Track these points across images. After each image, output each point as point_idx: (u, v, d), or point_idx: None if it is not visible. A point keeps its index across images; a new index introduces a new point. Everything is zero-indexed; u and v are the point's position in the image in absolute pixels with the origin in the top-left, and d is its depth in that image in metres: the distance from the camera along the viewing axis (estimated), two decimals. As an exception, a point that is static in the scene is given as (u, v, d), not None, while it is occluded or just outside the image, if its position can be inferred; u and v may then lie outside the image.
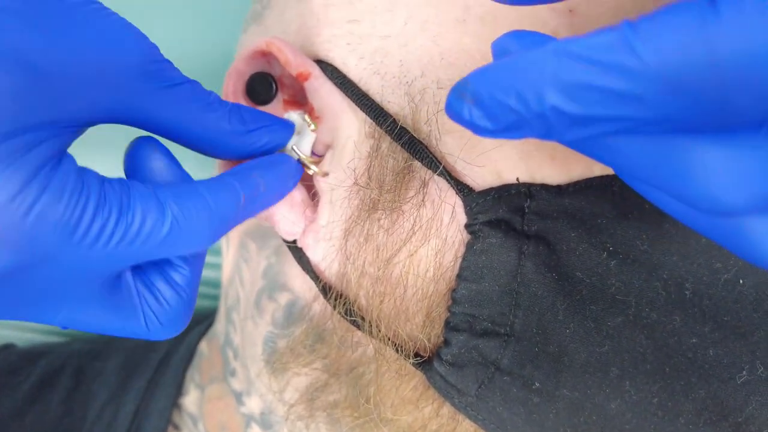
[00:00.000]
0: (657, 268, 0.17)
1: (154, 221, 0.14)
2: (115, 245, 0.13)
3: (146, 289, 0.15)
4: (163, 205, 0.14)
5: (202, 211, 0.15)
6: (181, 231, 0.14)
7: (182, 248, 0.15)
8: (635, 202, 0.17)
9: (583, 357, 0.17)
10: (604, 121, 0.10)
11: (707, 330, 0.17)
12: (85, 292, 0.14)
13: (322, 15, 0.20)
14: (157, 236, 0.14)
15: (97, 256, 0.13)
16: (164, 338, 0.16)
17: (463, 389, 0.17)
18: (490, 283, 0.17)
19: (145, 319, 0.15)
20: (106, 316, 0.15)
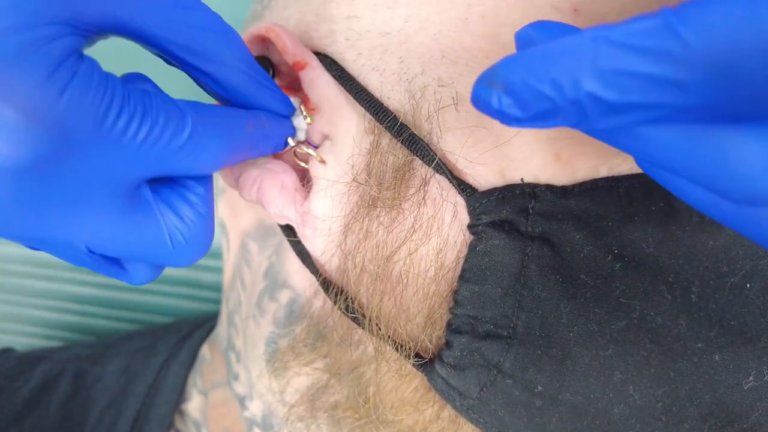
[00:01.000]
0: (663, 272, 0.17)
1: (176, 125, 0.14)
2: (140, 143, 0.13)
3: (166, 207, 0.15)
4: (184, 112, 0.14)
5: (217, 124, 0.15)
6: (200, 140, 0.14)
7: (199, 160, 0.15)
8: (641, 204, 0.17)
9: (586, 361, 0.16)
10: (642, 109, 0.10)
11: (713, 335, 0.17)
12: (111, 199, 0.14)
13: (321, 11, 0.20)
14: (178, 141, 0.14)
15: (123, 155, 0.13)
16: (188, 261, 0.16)
17: (464, 392, 0.17)
18: (493, 285, 0.17)
19: (170, 235, 0.15)
20: (130, 233, 0.14)
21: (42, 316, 0.42)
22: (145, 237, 0.15)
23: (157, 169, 0.14)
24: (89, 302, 0.42)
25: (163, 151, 0.14)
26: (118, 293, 0.41)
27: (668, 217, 0.17)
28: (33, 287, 0.42)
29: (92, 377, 0.31)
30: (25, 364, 0.31)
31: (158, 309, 0.42)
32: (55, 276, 0.41)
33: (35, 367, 0.31)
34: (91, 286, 0.42)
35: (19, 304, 0.42)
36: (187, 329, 0.33)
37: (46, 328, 0.43)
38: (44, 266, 0.41)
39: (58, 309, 0.42)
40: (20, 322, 0.43)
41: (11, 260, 0.42)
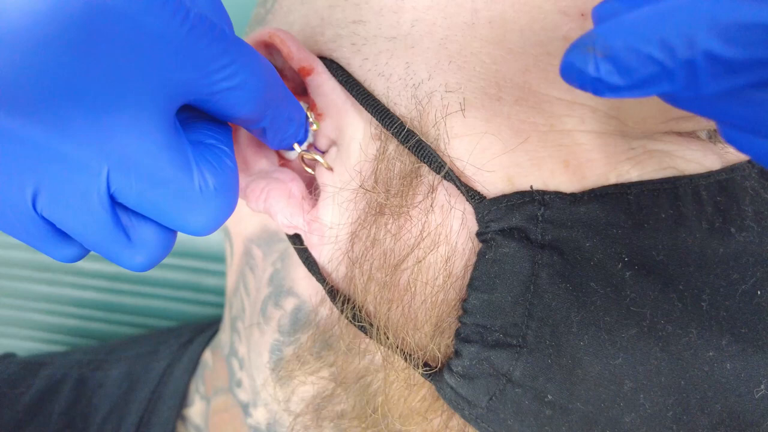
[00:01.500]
0: (673, 279, 0.16)
1: (218, 32, 0.13)
2: (188, 31, 0.12)
3: (197, 151, 0.14)
4: (222, 28, 0.13)
5: (254, 52, 0.14)
6: (241, 55, 0.14)
7: (244, 75, 0.14)
8: (651, 211, 0.17)
9: (597, 369, 0.16)
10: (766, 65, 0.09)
11: (724, 343, 0.17)
12: (150, 112, 0.12)
13: (326, 15, 0.20)
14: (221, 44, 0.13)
15: (173, 41, 0.12)
16: (205, 220, 0.14)
17: (473, 401, 0.17)
18: (502, 293, 0.16)
19: (198, 177, 0.13)
20: (161, 159, 0.13)
21: (44, 320, 0.42)
22: (174, 168, 0.13)
23: (198, 79, 0.13)
24: (91, 306, 0.42)
25: (206, 52, 0.13)
26: (121, 297, 0.41)
27: (678, 224, 0.17)
28: (35, 291, 0.42)
29: (94, 383, 0.30)
30: (27, 370, 0.31)
31: (161, 313, 0.42)
32: (56, 280, 0.41)
33: (37, 373, 0.31)
34: (93, 290, 0.41)
35: (20, 308, 0.42)
36: (190, 334, 0.33)
37: (48, 332, 0.42)
38: (46, 270, 0.41)
39: (59, 313, 0.42)
40: (22, 327, 0.42)
41: (13, 264, 0.41)
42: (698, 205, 0.17)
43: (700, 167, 0.18)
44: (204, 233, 0.14)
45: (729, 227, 0.17)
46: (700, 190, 0.18)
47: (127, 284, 0.41)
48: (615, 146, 0.17)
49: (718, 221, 0.17)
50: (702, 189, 0.18)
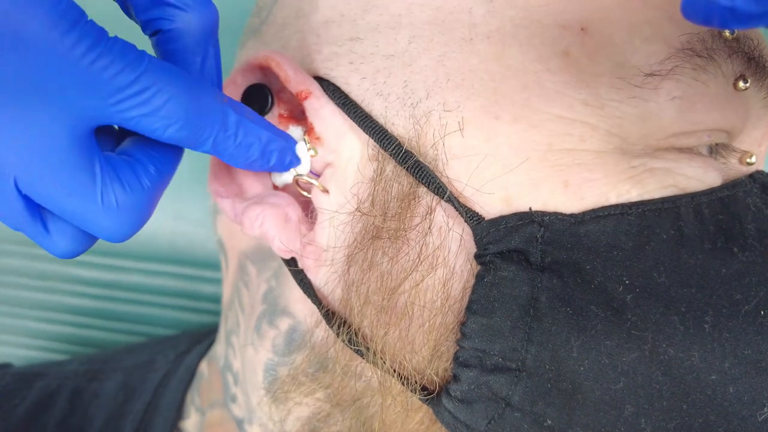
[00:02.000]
0: (675, 302, 0.16)
1: (130, 59, 0.13)
2: (89, 64, 0.13)
3: (111, 168, 0.14)
4: (141, 53, 0.14)
5: (179, 76, 0.14)
6: (155, 81, 0.14)
7: (158, 101, 0.14)
8: (652, 232, 0.16)
9: (597, 395, 0.16)
10: None
11: (727, 366, 0.16)
12: (55, 124, 0.13)
13: (323, 32, 0.19)
14: (129, 76, 0.13)
15: (70, 68, 0.13)
16: (110, 231, 0.15)
17: (472, 425, 0.17)
18: (501, 317, 0.16)
19: (102, 193, 0.14)
20: (65, 175, 0.14)
21: (41, 328, 0.42)
22: (76, 184, 0.14)
23: (107, 107, 0.14)
24: (88, 314, 0.42)
25: (112, 84, 0.13)
26: (118, 305, 0.41)
27: (680, 245, 0.16)
28: (32, 299, 0.41)
29: (89, 394, 0.30)
30: (22, 381, 0.31)
31: (158, 321, 0.41)
32: (53, 288, 0.41)
33: (32, 384, 0.30)
34: (90, 298, 0.41)
35: (17, 317, 0.42)
36: (187, 344, 0.33)
37: (45, 341, 0.42)
38: (43, 278, 0.41)
39: (56, 321, 0.42)
40: (19, 335, 0.42)
41: (9, 272, 0.41)
42: (700, 224, 0.17)
43: (701, 184, 0.18)
44: (113, 241, 0.15)
45: (731, 247, 0.17)
46: (702, 208, 0.17)
47: (124, 292, 0.41)
48: (615, 165, 0.17)
49: (720, 241, 0.17)
50: (704, 207, 0.17)
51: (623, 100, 0.17)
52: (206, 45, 0.16)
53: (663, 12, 0.17)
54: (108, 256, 0.41)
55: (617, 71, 0.17)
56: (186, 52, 0.16)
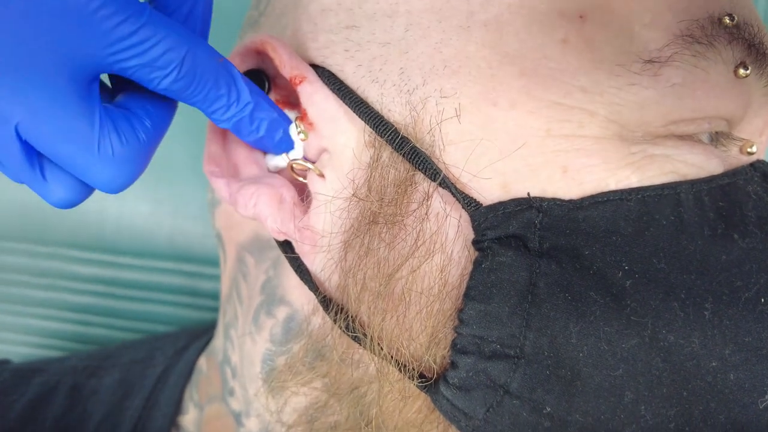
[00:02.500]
0: (674, 288, 0.16)
1: (131, 10, 0.14)
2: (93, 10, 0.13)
3: (109, 119, 0.15)
4: (142, 5, 0.14)
5: (177, 29, 0.15)
6: (155, 32, 0.14)
7: (156, 52, 0.14)
8: (652, 218, 0.16)
9: (596, 381, 0.16)
10: None
11: (728, 353, 0.16)
12: (56, 74, 0.14)
13: (320, 20, 0.19)
14: (133, 24, 0.14)
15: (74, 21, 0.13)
16: (106, 180, 0.15)
17: (470, 413, 0.17)
18: (499, 303, 0.16)
19: (100, 141, 0.15)
20: (66, 119, 0.14)
21: (41, 325, 0.42)
22: (75, 132, 0.14)
23: (107, 55, 0.14)
24: (88, 311, 0.42)
25: (115, 34, 0.14)
26: (117, 302, 0.41)
27: (680, 231, 0.16)
28: (32, 296, 0.41)
29: (88, 390, 0.30)
30: (20, 377, 0.31)
31: (157, 317, 0.41)
32: (54, 285, 0.41)
33: (30, 381, 0.30)
34: (90, 295, 0.41)
35: (18, 314, 0.42)
36: (185, 340, 0.33)
37: (45, 337, 0.42)
38: (43, 275, 0.41)
39: (56, 318, 0.42)
40: (19, 332, 0.42)
41: (9, 270, 0.41)
42: (700, 210, 0.17)
43: (702, 171, 0.18)
44: (108, 191, 0.16)
45: (732, 233, 0.17)
46: (702, 195, 0.17)
47: (124, 289, 0.41)
48: (615, 151, 0.17)
49: (720, 227, 0.17)
50: (704, 194, 0.17)
51: (622, 87, 0.17)
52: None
53: (666, 1, 0.17)
54: (107, 253, 0.41)
55: (616, 58, 0.17)
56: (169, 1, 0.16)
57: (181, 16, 0.16)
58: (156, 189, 0.41)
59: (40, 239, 0.41)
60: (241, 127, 0.17)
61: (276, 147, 0.19)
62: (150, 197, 0.41)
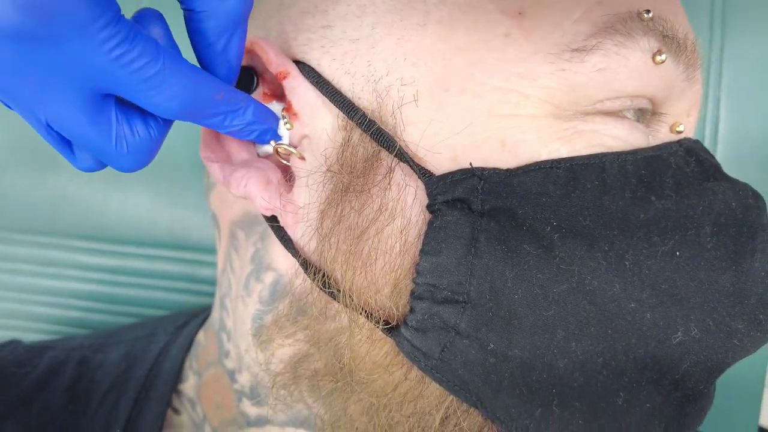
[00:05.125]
0: (598, 241, 0.19)
1: (150, 57, 0.16)
2: (116, 57, 0.15)
3: (124, 118, 0.17)
4: (159, 54, 0.16)
5: (186, 77, 0.17)
6: (164, 79, 0.16)
7: (159, 98, 0.17)
8: (578, 182, 0.19)
9: (531, 320, 0.18)
10: None
11: (645, 296, 0.19)
12: (76, 94, 0.16)
13: (299, 21, 0.22)
14: (148, 71, 0.16)
15: (96, 63, 0.15)
16: (122, 166, 0.18)
17: (428, 352, 0.19)
18: (448, 256, 0.19)
19: (116, 139, 0.17)
20: (85, 125, 0.17)
21: (47, 312, 0.44)
22: (95, 131, 0.17)
23: (122, 89, 0.16)
24: (92, 298, 0.44)
25: (130, 76, 0.16)
26: (121, 289, 0.44)
27: (602, 193, 0.19)
28: (39, 285, 0.44)
29: (95, 363, 0.32)
30: (33, 352, 0.33)
31: (158, 303, 0.44)
32: (60, 274, 0.44)
33: (42, 355, 0.33)
34: (95, 283, 0.44)
35: (25, 302, 0.44)
36: (185, 318, 0.35)
37: (51, 324, 0.45)
38: (49, 264, 0.44)
39: (62, 305, 0.44)
40: (26, 319, 0.45)
41: (18, 260, 0.44)
42: (623, 177, 0.20)
43: (626, 144, 0.20)
44: (123, 171, 0.18)
45: (650, 196, 0.20)
46: (626, 165, 0.20)
47: (126, 276, 0.43)
48: (548, 127, 0.19)
49: (640, 191, 0.20)
50: (629, 164, 0.20)
51: (554, 72, 0.19)
52: (233, 30, 0.18)
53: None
54: (110, 243, 0.43)
55: (550, 48, 0.20)
56: (211, 34, 0.18)
57: (218, 50, 0.18)
58: (156, 183, 0.43)
59: (46, 230, 0.43)
60: (235, 136, 0.20)
61: (263, 142, 0.21)
62: (151, 190, 0.43)
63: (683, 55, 0.21)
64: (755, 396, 0.47)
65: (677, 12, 0.22)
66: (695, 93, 0.23)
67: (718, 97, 0.46)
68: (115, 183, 0.43)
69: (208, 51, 0.18)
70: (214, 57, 0.18)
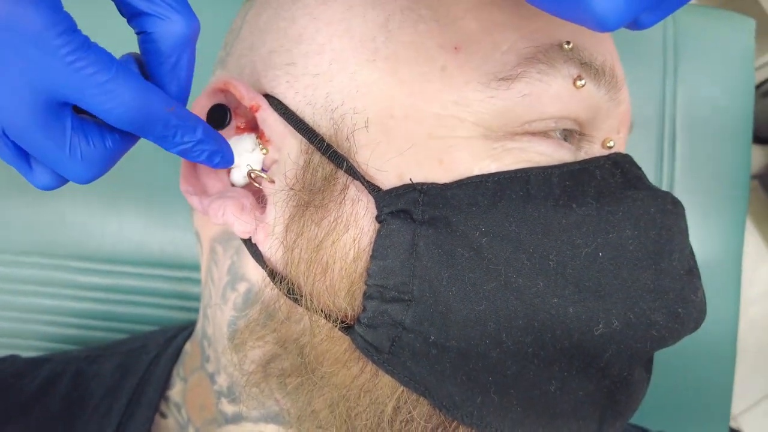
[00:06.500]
0: (523, 244, 0.21)
1: (102, 65, 0.17)
2: (70, 62, 0.17)
3: (81, 129, 0.18)
4: (112, 64, 0.17)
5: (136, 91, 0.18)
6: (115, 89, 0.17)
7: (110, 106, 0.18)
8: (504, 192, 0.22)
9: (464, 314, 0.21)
10: None
11: (568, 292, 0.21)
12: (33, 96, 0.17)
13: (268, 60, 0.25)
14: (97, 79, 0.17)
15: (53, 64, 0.16)
16: (77, 176, 0.18)
17: (379, 347, 0.22)
18: (393, 259, 0.21)
19: (70, 147, 0.18)
20: (40, 129, 0.17)
21: (45, 330, 0.46)
22: (50, 140, 0.18)
23: (76, 95, 0.17)
24: (88, 316, 0.46)
25: (83, 81, 0.17)
26: (115, 306, 0.46)
27: (526, 202, 0.22)
28: (37, 304, 0.46)
29: (90, 374, 0.35)
30: (31, 365, 0.36)
31: (151, 320, 0.46)
32: (57, 293, 0.46)
33: (40, 367, 0.35)
34: (90, 301, 0.46)
35: (24, 321, 0.46)
36: (175, 331, 0.38)
37: (50, 342, 0.47)
38: (48, 284, 0.46)
39: (60, 324, 0.46)
40: (26, 338, 0.47)
41: (17, 281, 0.46)
42: (547, 187, 0.22)
43: (552, 159, 0.23)
44: (80, 182, 0.19)
45: (571, 204, 0.22)
46: (551, 177, 0.22)
47: (120, 294, 0.46)
48: (479, 147, 0.22)
49: (563, 199, 0.22)
50: (554, 177, 0.23)
51: (484, 99, 0.22)
52: (181, 51, 0.19)
53: (518, 33, 0.23)
54: (106, 263, 0.46)
55: (480, 78, 0.23)
56: (161, 54, 0.19)
57: (167, 68, 0.19)
58: (149, 206, 0.46)
59: (47, 252, 0.46)
60: (185, 155, 0.21)
61: (216, 166, 0.23)
62: (144, 214, 0.46)
63: (603, 79, 0.24)
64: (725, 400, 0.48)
65: (600, 42, 0.25)
66: (622, 112, 0.26)
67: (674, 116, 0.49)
68: (111, 207, 0.46)
69: (159, 70, 0.19)
70: (165, 75, 0.19)
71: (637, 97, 0.49)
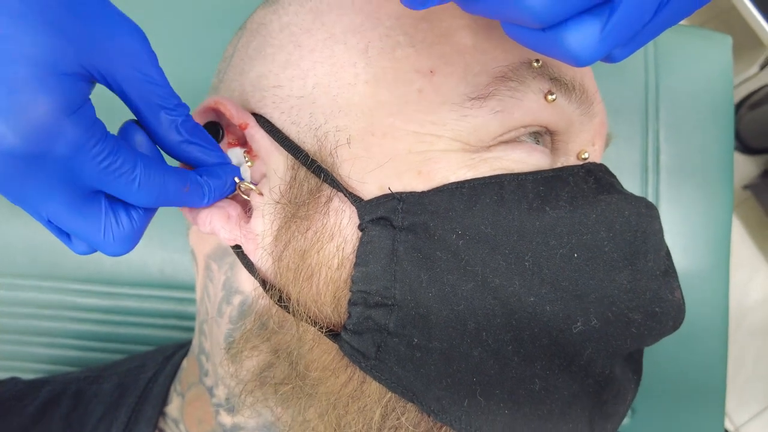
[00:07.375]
0: (499, 246, 0.22)
1: (130, 164, 0.20)
2: (105, 167, 0.19)
3: (112, 212, 0.21)
4: (137, 157, 0.20)
5: (158, 181, 0.21)
6: (141, 178, 0.20)
7: (137, 197, 0.21)
8: (479, 197, 0.23)
9: (444, 314, 0.22)
10: None
11: (544, 291, 0.22)
12: (69, 196, 0.20)
13: (256, 83, 0.27)
14: (126, 179, 0.20)
15: (86, 170, 0.19)
16: (112, 251, 0.21)
17: (366, 353, 0.23)
18: (374, 265, 0.22)
19: (104, 230, 0.21)
20: (78, 218, 0.20)
21: (46, 353, 0.47)
22: (88, 224, 0.20)
23: (109, 188, 0.20)
24: (87, 338, 0.47)
25: (114, 182, 0.20)
26: (115, 328, 0.47)
27: (500, 205, 0.23)
28: (37, 327, 0.47)
29: (90, 394, 0.35)
30: (32, 386, 0.36)
31: (150, 340, 0.47)
32: (57, 315, 0.47)
33: (41, 389, 0.36)
34: (90, 323, 0.47)
35: (25, 344, 0.47)
36: (173, 349, 0.38)
37: (51, 365, 0.47)
38: (47, 307, 0.47)
39: (60, 345, 0.47)
40: (26, 360, 0.47)
41: (18, 304, 0.47)
42: (521, 192, 0.23)
43: (527, 165, 0.24)
44: (113, 256, 0.22)
45: (545, 207, 0.23)
46: (526, 183, 0.24)
47: (120, 316, 0.47)
48: (456, 158, 0.24)
49: (536, 203, 0.23)
50: (528, 182, 0.24)
51: (459, 118, 0.24)
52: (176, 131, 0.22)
53: (489, 55, 0.25)
54: (104, 284, 0.47)
55: (454, 99, 0.24)
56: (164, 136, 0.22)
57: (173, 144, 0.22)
58: (148, 229, 0.47)
59: (48, 275, 0.47)
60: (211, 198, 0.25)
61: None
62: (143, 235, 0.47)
63: (573, 94, 0.25)
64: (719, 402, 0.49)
65: None
66: (597, 125, 0.27)
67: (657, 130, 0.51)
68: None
69: (164, 145, 0.23)
70: (172, 149, 0.23)
71: (622, 110, 0.51)
